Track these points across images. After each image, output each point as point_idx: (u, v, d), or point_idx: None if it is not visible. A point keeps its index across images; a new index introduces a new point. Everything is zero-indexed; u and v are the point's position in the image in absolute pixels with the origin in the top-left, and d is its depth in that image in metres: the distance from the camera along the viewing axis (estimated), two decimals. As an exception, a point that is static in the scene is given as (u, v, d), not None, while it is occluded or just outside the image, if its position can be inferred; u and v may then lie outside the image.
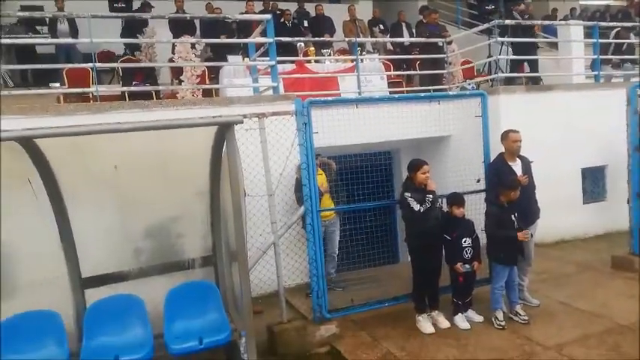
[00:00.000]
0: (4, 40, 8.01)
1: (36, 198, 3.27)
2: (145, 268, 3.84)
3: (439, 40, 8.30)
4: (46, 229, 3.46)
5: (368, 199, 5.16)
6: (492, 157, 5.02)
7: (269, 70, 6.56)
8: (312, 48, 9.29)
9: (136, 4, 9.22)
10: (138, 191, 3.64)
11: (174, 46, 7.26)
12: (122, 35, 7.96)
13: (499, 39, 7.96)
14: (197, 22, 9.09)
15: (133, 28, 7.77)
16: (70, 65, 7.47)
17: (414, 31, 10.59)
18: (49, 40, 8.55)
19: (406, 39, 10.12)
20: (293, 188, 5.51)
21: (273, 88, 6.36)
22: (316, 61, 8.79)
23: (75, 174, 3.47)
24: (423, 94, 6.69)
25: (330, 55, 9.49)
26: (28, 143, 2.95)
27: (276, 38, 6.40)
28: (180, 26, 8.12)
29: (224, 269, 4.08)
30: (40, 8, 9.00)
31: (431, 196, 4.42)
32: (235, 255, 3.51)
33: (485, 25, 8.08)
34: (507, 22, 8.14)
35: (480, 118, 5.19)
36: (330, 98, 6.42)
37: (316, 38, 9.61)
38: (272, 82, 6.41)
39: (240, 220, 3.19)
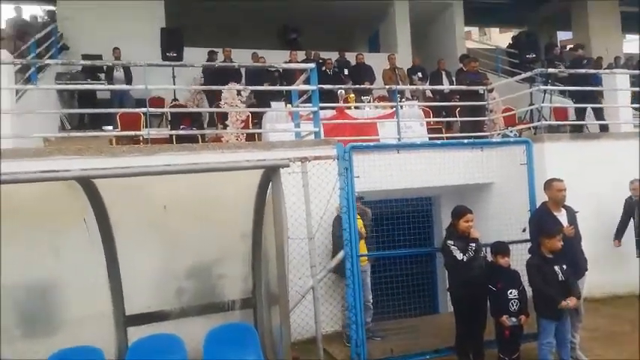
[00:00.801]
0: (66, 86, 8.65)
1: (89, 236, 3.40)
2: (186, 308, 3.87)
3: (480, 88, 8.33)
4: (94, 266, 3.58)
5: (407, 246, 5.09)
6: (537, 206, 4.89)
7: (310, 115, 6.73)
8: (352, 95, 9.51)
9: (187, 54, 9.75)
10: (183, 231, 3.73)
11: (220, 92, 7.60)
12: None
13: (542, 87, 7.92)
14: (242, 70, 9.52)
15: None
16: (125, 110, 7.90)
17: (453, 79, 10.70)
18: (106, 87, 9.14)
19: (446, 86, 10.21)
20: (332, 232, 5.50)
21: (315, 133, 6.50)
22: (356, 108, 8.97)
23: (125, 213, 3.60)
24: (466, 141, 6.65)
25: (369, 101, 9.67)
26: (86, 183, 3.11)
27: (319, 86, 6.60)
28: (227, 74, 8.53)
29: (263, 312, 4.06)
30: (99, 57, 9.70)
31: (474, 244, 4.31)
32: (276, 298, 3.51)
33: (529, 74, 8.08)
34: (551, 70, 8.11)
35: (525, 165, 5.10)
36: (371, 143, 6.49)
37: (356, 85, 9.84)
38: (314, 127, 6.55)
39: (283, 262, 3.20)
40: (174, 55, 9.84)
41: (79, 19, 11.21)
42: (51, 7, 11.82)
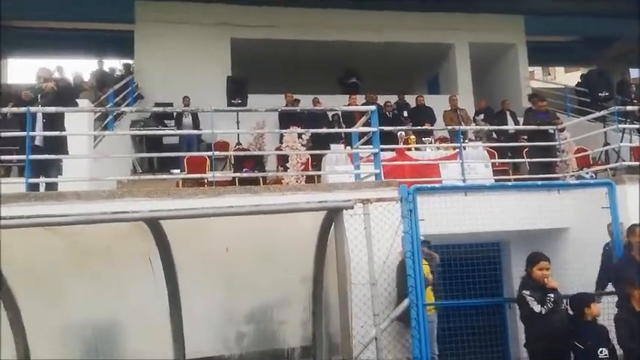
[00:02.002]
0: (142, 132, 9.20)
1: (154, 277, 3.44)
2: (245, 355, 3.77)
3: (551, 128, 7.94)
4: (158, 307, 3.59)
5: (474, 295, 4.75)
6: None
7: (370, 157, 6.66)
8: (413, 136, 9.39)
9: (251, 100, 10.13)
10: (244, 274, 3.68)
11: (282, 135, 7.76)
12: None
13: (621, 125, 7.42)
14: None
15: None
16: (192, 154, 8.24)
17: (518, 119, 10.33)
18: (174, 132, 9.65)
19: (513, 126, 9.85)
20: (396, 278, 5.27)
21: (376, 174, 6.40)
22: (417, 149, 8.81)
23: (188, 254, 3.63)
24: (540, 182, 6.26)
25: (430, 143, 9.49)
26: (153, 224, 3.17)
27: (379, 127, 6.56)
28: (288, 118, 8.72)
29: (323, 362, 3.87)
30: (170, 105, 10.31)
31: (552, 295, 3.94)
32: (337, 348, 3.33)
33: (604, 112, 7.63)
34: (630, 108, 7.61)
35: (607, 209, 4.69)
36: (437, 185, 6.28)
37: (417, 127, 9.73)
38: (374, 168, 6.46)
39: (346, 310, 3.05)
40: (239, 101, 10.25)
41: (153, 70, 12.08)
42: (129, 61, 12.83)
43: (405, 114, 11.20)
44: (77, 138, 6.66)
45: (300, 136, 7.59)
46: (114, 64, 13.31)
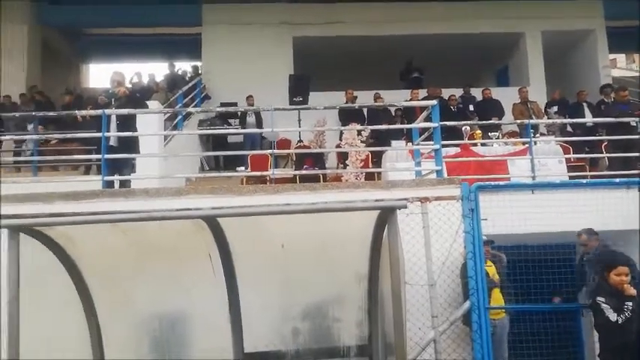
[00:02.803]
0: (205, 131, 9.57)
1: (214, 273, 3.56)
2: (302, 351, 3.80)
3: (633, 120, 7.29)
4: (218, 302, 3.71)
5: (547, 300, 4.47)
6: None
7: (432, 153, 6.47)
8: (479, 131, 9.00)
9: (313, 98, 10.21)
10: (299, 271, 3.71)
11: (341, 133, 7.75)
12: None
13: None
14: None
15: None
16: (255, 152, 8.46)
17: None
18: (237, 131, 9.95)
19: (588, 119, 9.17)
20: (458, 279, 5.09)
21: (437, 171, 6.21)
22: (482, 145, 8.44)
23: (245, 250, 3.71)
24: (617, 180, 5.77)
25: (498, 137, 9.06)
26: (212, 221, 3.27)
27: (441, 122, 6.35)
28: (349, 115, 8.69)
29: (380, 362, 3.82)
30: (235, 104, 10.64)
31: (630, 303, 3.62)
32: (392, 349, 3.27)
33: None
34: None
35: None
36: (500, 183, 5.98)
37: (482, 121, 9.33)
38: (435, 165, 6.27)
39: (400, 310, 2.98)
40: (301, 99, 10.37)
41: (219, 71, 12.53)
42: (197, 62, 13.40)
43: (471, 108, 10.76)
44: (148, 138, 7.05)
45: (359, 132, 7.53)
46: (184, 66, 13.95)
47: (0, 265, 2.79)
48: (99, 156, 5.96)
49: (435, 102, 6.43)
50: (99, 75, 16.33)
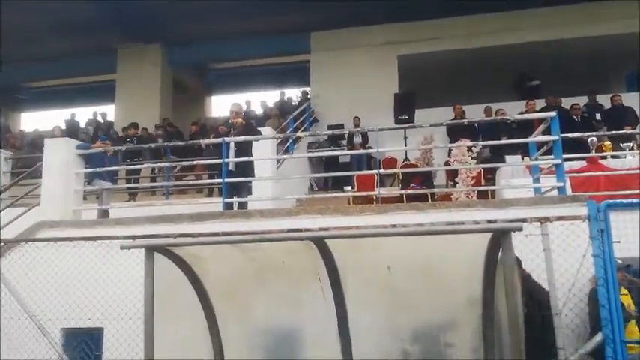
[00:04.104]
0: (313, 154, 9.93)
1: (322, 292, 3.65)
2: (412, 375, 3.71)
3: None
4: (327, 321, 3.78)
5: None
6: None
7: (553, 169, 5.99)
8: (608, 142, 8.12)
9: (419, 115, 10.08)
10: (407, 292, 3.65)
11: (450, 149, 7.52)
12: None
13: None
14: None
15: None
16: (361, 172, 8.56)
17: None
18: (344, 152, 10.19)
19: None
20: (587, 307, 4.59)
21: (559, 188, 5.72)
22: (613, 157, 7.59)
23: (352, 270, 3.75)
24: None
25: (632, 149, 8.08)
26: (320, 242, 3.38)
27: (562, 135, 5.88)
28: (457, 131, 8.41)
29: (497, 394, 3.57)
30: (342, 126, 10.90)
31: None
32: (511, 381, 3.03)
33: None
34: None
35: None
36: (635, 200, 5.32)
37: (612, 131, 8.40)
38: (557, 181, 5.79)
39: (518, 339, 2.78)
40: (406, 117, 10.30)
41: (327, 95, 13.01)
42: (305, 88, 14.03)
43: (598, 117, 9.77)
44: (262, 162, 7.51)
45: (469, 149, 7.24)
46: (293, 92, 14.71)
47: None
48: (220, 180, 6.49)
49: (553, 113, 5.98)
50: (219, 105, 17.82)
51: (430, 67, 13.04)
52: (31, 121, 18.22)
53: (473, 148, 7.33)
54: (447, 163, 7.76)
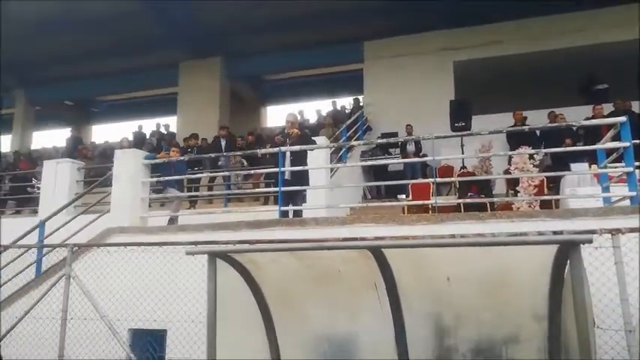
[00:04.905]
0: (366, 163, 9.91)
1: (379, 301, 3.64)
2: (473, 390, 3.60)
3: None
4: (384, 331, 3.76)
5: None
6: None
7: (624, 177, 5.64)
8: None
9: (477, 122, 9.82)
10: (467, 305, 3.56)
11: (510, 157, 7.26)
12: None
13: None
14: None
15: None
16: (415, 181, 8.44)
17: None
18: (397, 161, 10.10)
19: None
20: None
21: (631, 198, 5.37)
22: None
23: (409, 280, 3.71)
24: None
25: None
26: (377, 251, 3.37)
27: (634, 141, 5.53)
28: (518, 138, 8.12)
29: (565, 414, 3.39)
30: (395, 134, 10.80)
31: None
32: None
33: None
34: None
35: None
36: None
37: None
38: (629, 190, 5.44)
39: (588, 357, 2.64)
40: (463, 124, 10.05)
41: (379, 103, 12.98)
42: (358, 96, 14.06)
43: (676, 119, 9.07)
44: (316, 170, 7.60)
45: (531, 156, 6.95)
46: (345, 100, 14.80)
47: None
48: (276, 189, 6.63)
49: (624, 118, 5.63)
50: (274, 115, 18.27)
51: (488, 72, 12.69)
52: (102, 132, 19.52)
53: (535, 156, 7.03)
54: (507, 171, 7.49)
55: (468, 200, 7.29)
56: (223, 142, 11.39)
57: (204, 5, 12.56)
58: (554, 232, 3.05)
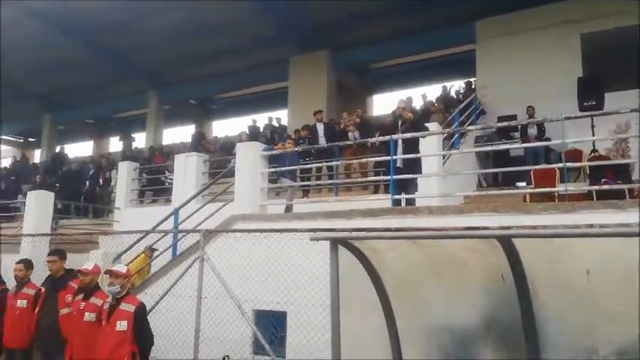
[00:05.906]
0: (481, 149, 9.41)
1: (506, 295, 3.45)
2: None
3: None
4: (510, 324, 3.57)
5: None
6: None
7: None
8: None
9: (610, 100, 8.80)
10: (611, 302, 3.22)
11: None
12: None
13: None
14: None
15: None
16: (539, 167, 7.83)
17: None
18: (516, 146, 9.41)
19: None
20: None
21: None
22: None
23: (541, 273, 3.46)
24: None
25: None
26: (505, 241, 3.20)
27: None
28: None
29: None
30: (514, 117, 10.09)
31: None
32: None
33: None
34: None
35: None
36: None
37: None
38: None
39: None
40: (593, 103, 9.06)
41: (495, 84, 12.19)
42: (470, 79, 13.37)
43: None
44: (428, 158, 7.41)
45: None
46: (455, 85, 14.14)
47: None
48: (388, 177, 6.61)
49: None
50: (381, 103, 18.13)
51: (620, 44, 11.24)
52: (220, 128, 21.03)
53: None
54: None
55: (604, 187, 6.59)
56: (320, 127, 11.52)
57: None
58: None
